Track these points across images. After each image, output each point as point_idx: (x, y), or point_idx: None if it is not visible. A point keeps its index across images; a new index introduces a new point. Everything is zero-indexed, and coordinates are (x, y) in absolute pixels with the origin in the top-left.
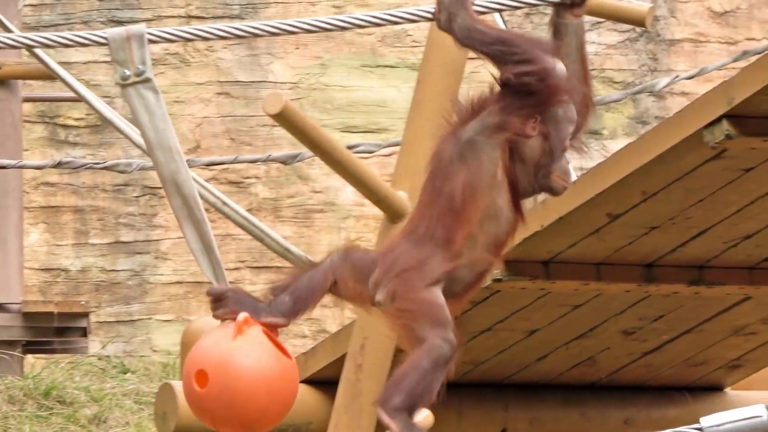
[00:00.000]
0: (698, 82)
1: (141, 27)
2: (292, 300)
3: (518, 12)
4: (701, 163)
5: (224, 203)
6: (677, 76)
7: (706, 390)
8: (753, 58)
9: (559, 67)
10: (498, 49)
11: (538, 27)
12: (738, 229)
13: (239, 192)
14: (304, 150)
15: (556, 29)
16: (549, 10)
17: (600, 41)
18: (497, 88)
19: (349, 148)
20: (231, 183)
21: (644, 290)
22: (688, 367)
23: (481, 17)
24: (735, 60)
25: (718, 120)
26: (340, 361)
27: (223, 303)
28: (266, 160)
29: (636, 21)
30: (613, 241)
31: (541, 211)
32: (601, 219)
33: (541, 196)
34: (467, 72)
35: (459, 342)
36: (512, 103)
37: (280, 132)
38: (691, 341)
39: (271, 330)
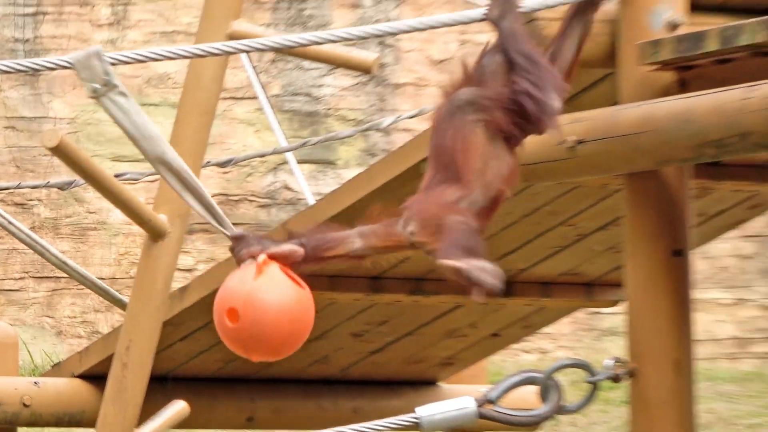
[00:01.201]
0: (419, 120)
1: (98, 46)
2: (312, 241)
3: (265, 59)
4: None
5: (10, 222)
6: (400, 116)
7: (423, 384)
8: None
9: (557, 105)
10: (523, 61)
11: (282, 72)
12: None
13: (24, 212)
14: (79, 177)
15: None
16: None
17: (335, 84)
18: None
19: (118, 175)
20: (16, 204)
21: (371, 299)
22: (408, 365)
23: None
24: None
25: None
26: (109, 360)
27: (243, 244)
28: (46, 186)
29: (364, 69)
30: None
31: (281, 231)
32: None
33: None
34: (219, 110)
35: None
36: (505, 101)
37: (60, 161)
38: (410, 342)
39: (287, 265)
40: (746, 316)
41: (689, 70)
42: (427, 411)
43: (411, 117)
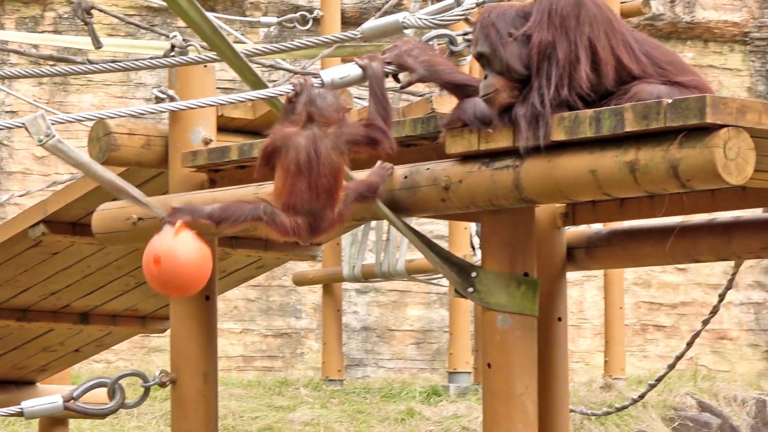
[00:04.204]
0: (25, 198)
1: (41, 111)
2: (220, 211)
3: None
4: (26, 249)
5: None
6: (13, 195)
7: (25, 384)
8: (59, 187)
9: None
10: (382, 98)
11: None
12: (48, 288)
13: None
14: None
15: None
16: None
17: None
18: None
19: None
20: None
21: None
22: (15, 370)
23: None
24: (48, 186)
25: (38, 223)
26: None
27: (175, 214)
28: None
29: None
30: None
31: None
32: None
33: None
34: None
35: None
36: (362, 137)
37: None
38: (17, 354)
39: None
40: (250, 341)
41: (217, 172)
42: (29, 404)
43: (20, 196)
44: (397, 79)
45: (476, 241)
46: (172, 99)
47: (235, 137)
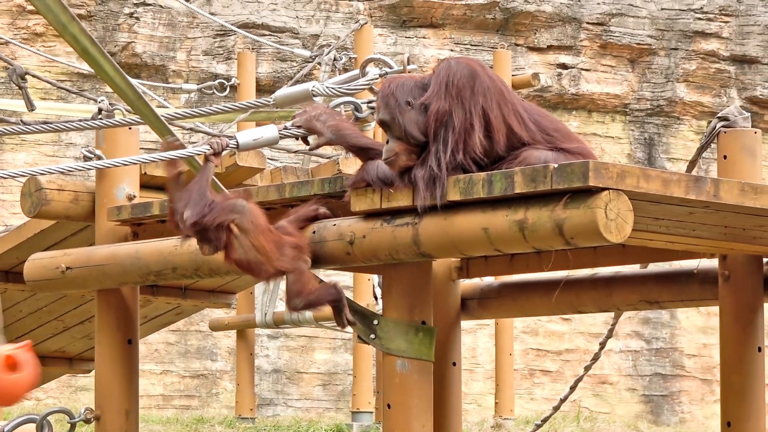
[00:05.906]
0: None
1: None
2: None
3: None
4: None
5: None
6: None
7: None
8: None
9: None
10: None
11: None
12: None
13: None
14: None
15: None
16: None
17: None
18: None
19: None
20: None
21: None
22: None
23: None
24: None
25: None
26: None
27: None
28: None
29: None
30: None
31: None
32: None
33: None
34: None
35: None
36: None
37: None
38: None
39: None
40: (170, 381)
41: (140, 226)
42: None
43: None
44: (306, 142)
45: (378, 291)
46: (98, 158)
47: (157, 194)
